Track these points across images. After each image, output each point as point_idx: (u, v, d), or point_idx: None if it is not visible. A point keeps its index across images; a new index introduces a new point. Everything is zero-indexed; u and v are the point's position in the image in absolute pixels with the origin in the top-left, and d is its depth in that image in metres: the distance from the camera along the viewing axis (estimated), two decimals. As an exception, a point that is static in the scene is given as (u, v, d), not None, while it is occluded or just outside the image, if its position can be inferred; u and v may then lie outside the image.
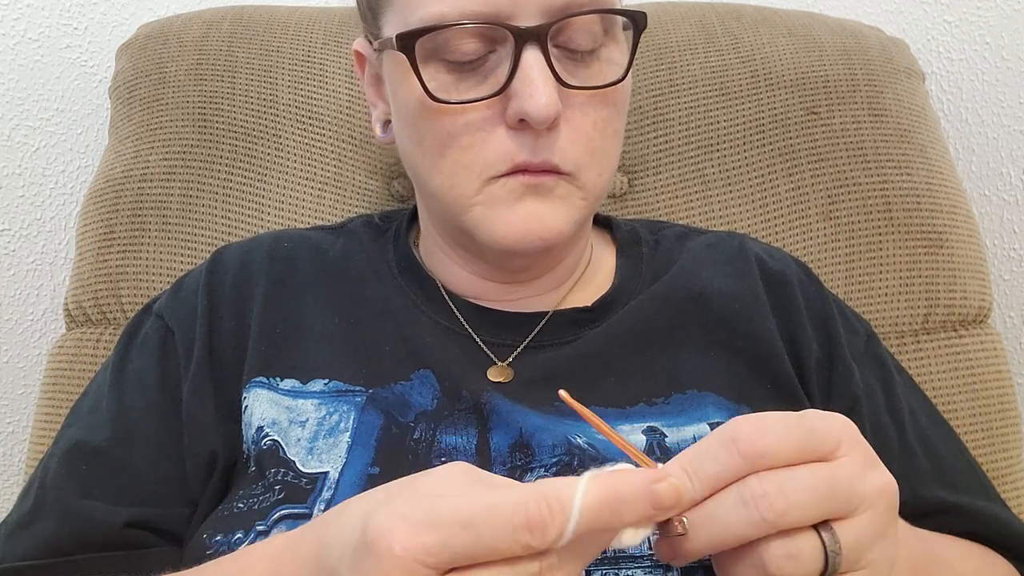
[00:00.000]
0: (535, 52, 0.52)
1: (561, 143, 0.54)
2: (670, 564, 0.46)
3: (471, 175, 0.55)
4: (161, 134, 0.86)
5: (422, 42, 0.53)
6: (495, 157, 0.54)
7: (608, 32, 0.56)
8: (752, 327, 0.62)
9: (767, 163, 0.86)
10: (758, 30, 0.90)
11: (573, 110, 0.54)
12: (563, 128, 0.54)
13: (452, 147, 0.55)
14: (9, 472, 1.09)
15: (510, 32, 0.52)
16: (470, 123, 0.54)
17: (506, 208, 0.55)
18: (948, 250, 0.83)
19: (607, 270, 0.67)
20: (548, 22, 0.52)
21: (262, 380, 0.59)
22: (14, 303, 1.05)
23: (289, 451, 0.55)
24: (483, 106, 0.54)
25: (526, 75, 0.52)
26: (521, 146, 0.54)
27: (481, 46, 0.53)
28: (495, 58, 0.54)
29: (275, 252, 0.66)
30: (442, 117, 0.54)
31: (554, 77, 0.52)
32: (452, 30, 0.52)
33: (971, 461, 0.66)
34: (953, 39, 1.02)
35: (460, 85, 0.54)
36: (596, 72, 0.55)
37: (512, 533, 0.32)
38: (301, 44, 0.89)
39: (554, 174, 0.55)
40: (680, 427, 0.56)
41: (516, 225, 0.55)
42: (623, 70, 0.55)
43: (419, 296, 0.63)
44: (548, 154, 0.54)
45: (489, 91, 0.53)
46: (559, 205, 0.55)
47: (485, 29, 0.52)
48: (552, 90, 0.52)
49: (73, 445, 0.59)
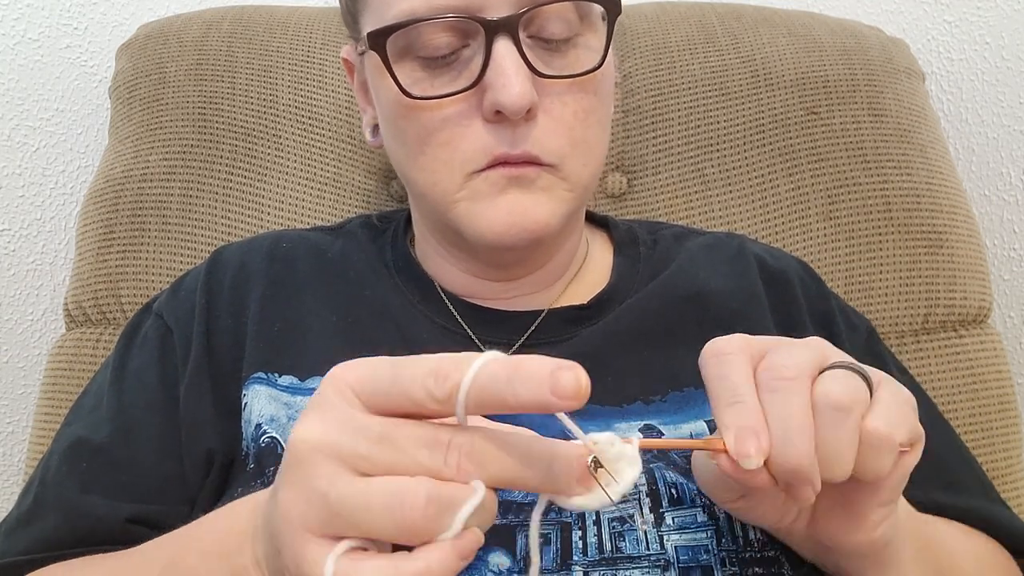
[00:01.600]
0: (506, 43, 0.52)
1: (540, 133, 0.54)
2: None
3: (452, 171, 0.55)
4: (161, 134, 0.86)
5: (394, 39, 0.53)
6: (474, 151, 0.54)
7: (584, 20, 0.56)
8: (750, 325, 0.61)
9: (767, 163, 0.86)
10: (758, 30, 0.90)
11: (551, 99, 0.54)
12: (541, 118, 0.54)
13: (431, 143, 0.55)
14: (9, 472, 1.09)
15: (480, 24, 0.52)
16: (447, 118, 0.54)
17: (489, 202, 0.55)
18: (948, 250, 0.83)
19: (604, 269, 0.67)
20: (518, 12, 0.52)
21: (261, 376, 0.59)
22: (14, 303, 1.05)
23: None
24: (459, 100, 0.54)
25: (498, 66, 0.52)
26: (499, 139, 0.54)
27: (454, 40, 0.53)
28: (468, 52, 0.54)
29: (274, 252, 0.66)
30: (419, 114, 0.54)
31: (527, 67, 0.52)
32: (424, 25, 0.52)
33: (971, 461, 0.65)
34: (953, 39, 1.02)
35: (435, 81, 0.54)
36: (572, 60, 0.55)
37: (423, 377, 0.33)
38: (301, 44, 0.89)
39: (535, 165, 0.55)
40: (677, 425, 0.56)
41: (500, 218, 0.55)
42: (600, 57, 0.55)
43: (416, 296, 0.64)
44: (527, 145, 0.54)
45: (463, 85, 0.53)
46: (542, 197, 0.55)
47: (456, 23, 0.52)
48: (525, 79, 0.52)
49: (74, 442, 0.59)
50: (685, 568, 0.49)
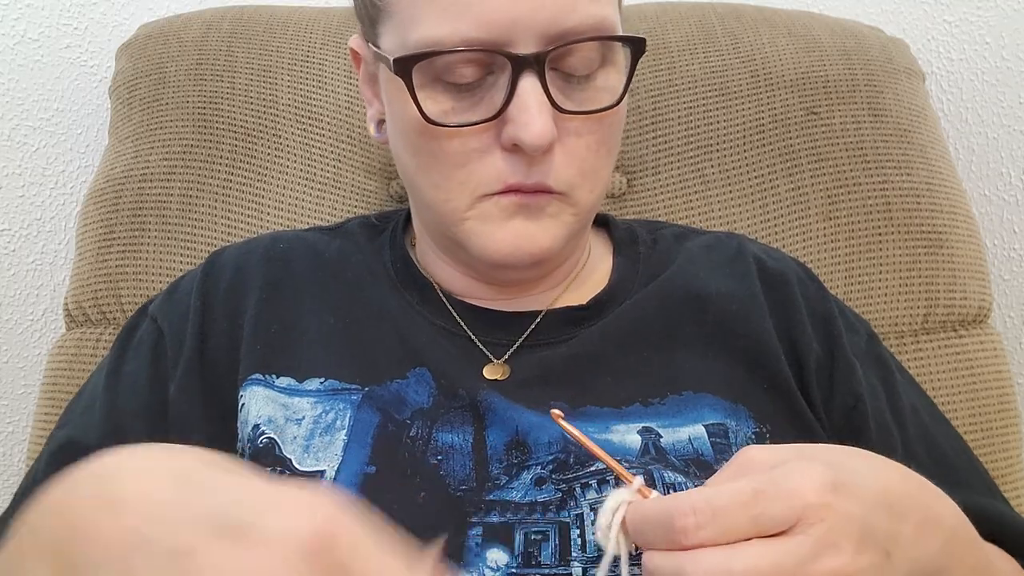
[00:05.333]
0: (532, 79, 0.52)
1: (555, 166, 0.54)
2: None
3: (464, 191, 0.55)
4: (161, 134, 0.86)
5: (420, 67, 0.53)
6: (489, 177, 0.55)
7: (607, 57, 0.56)
8: (749, 327, 0.61)
9: (767, 163, 0.86)
10: (758, 30, 0.90)
11: (568, 134, 0.55)
12: (557, 151, 0.54)
13: (447, 164, 0.55)
14: (9, 472, 1.09)
15: (508, 59, 0.52)
16: (466, 144, 0.54)
17: (497, 225, 0.56)
18: (948, 250, 0.83)
19: (603, 269, 0.67)
20: (546, 49, 0.52)
21: (258, 377, 0.59)
22: (14, 303, 1.05)
23: (285, 449, 0.56)
24: (479, 129, 0.54)
25: (523, 102, 0.52)
26: (515, 169, 0.54)
27: (479, 70, 0.53)
28: (492, 80, 0.54)
29: (271, 254, 0.66)
30: (439, 139, 0.54)
31: (550, 103, 0.52)
32: (451, 55, 0.52)
33: (973, 459, 0.65)
34: (953, 39, 1.02)
35: (457, 106, 0.54)
36: (592, 96, 0.55)
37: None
38: (301, 44, 0.89)
39: (546, 194, 0.55)
40: (676, 428, 0.56)
41: (506, 241, 0.56)
42: (619, 94, 0.55)
43: (415, 297, 0.64)
44: (541, 176, 0.54)
45: (485, 115, 0.53)
46: (549, 223, 0.56)
47: (483, 56, 0.52)
48: (548, 118, 0.52)
49: (63, 444, 0.60)
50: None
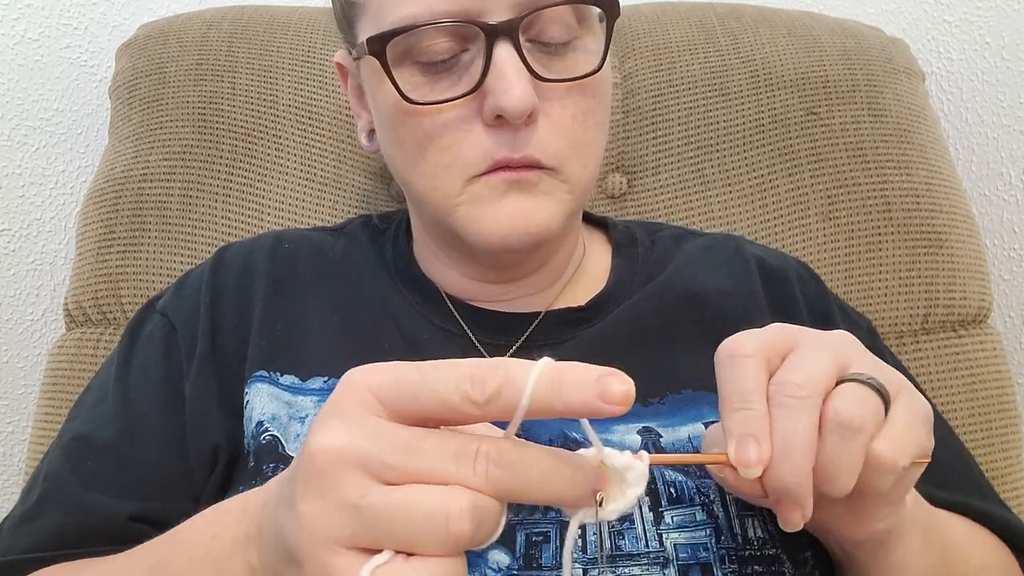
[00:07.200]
0: (507, 47, 0.52)
1: (540, 136, 0.54)
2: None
3: (452, 175, 0.55)
4: (161, 134, 0.86)
5: (394, 44, 0.53)
6: (474, 155, 0.54)
7: (583, 23, 0.56)
8: (748, 324, 0.61)
9: (767, 163, 0.86)
10: (758, 30, 0.90)
11: (551, 103, 0.54)
12: (542, 122, 0.54)
13: (431, 148, 0.55)
14: (9, 472, 1.09)
15: (481, 29, 0.52)
16: (447, 123, 0.54)
17: (490, 206, 0.55)
18: (948, 250, 0.83)
19: (602, 270, 0.67)
20: (518, 16, 0.52)
21: (263, 374, 0.59)
22: (14, 303, 1.05)
23: (288, 447, 0.56)
24: (459, 105, 0.53)
25: (499, 70, 0.52)
26: (500, 142, 0.54)
27: (453, 45, 0.53)
28: (468, 56, 0.54)
29: (276, 252, 0.66)
30: (419, 119, 0.54)
31: (528, 70, 0.52)
32: (424, 30, 0.52)
33: (968, 461, 0.65)
34: (953, 39, 1.02)
35: (435, 86, 0.54)
36: (572, 64, 0.55)
37: (457, 381, 0.32)
38: (301, 44, 0.89)
39: (536, 169, 0.55)
40: (675, 427, 0.56)
41: (502, 222, 0.55)
42: (599, 60, 0.55)
43: (415, 297, 0.64)
44: (528, 148, 0.54)
45: (464, 89, 0.53)
46: (544, 200, 0.55)
47: (456, 27, 0.52)
48: (526, 83, 0.52)
49: (77, 439, 0.60)
50: (684, 566, 0.49)
